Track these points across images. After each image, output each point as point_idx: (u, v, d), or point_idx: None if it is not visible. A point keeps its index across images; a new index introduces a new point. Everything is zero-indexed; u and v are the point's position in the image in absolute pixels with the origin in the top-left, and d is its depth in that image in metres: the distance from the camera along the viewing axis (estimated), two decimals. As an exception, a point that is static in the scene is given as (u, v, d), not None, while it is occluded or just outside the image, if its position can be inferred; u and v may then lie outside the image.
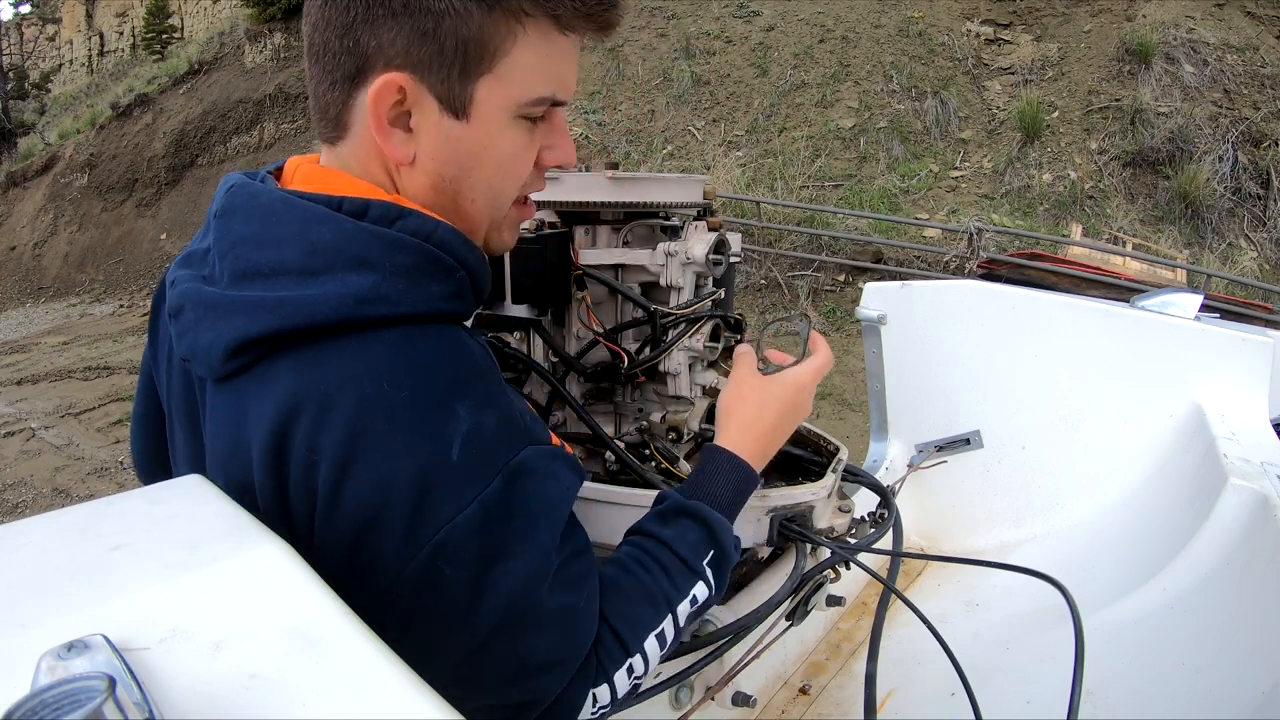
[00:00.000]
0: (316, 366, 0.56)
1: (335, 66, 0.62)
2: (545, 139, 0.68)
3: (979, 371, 1.68)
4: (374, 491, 0.54)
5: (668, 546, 0.71)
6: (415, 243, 0.60)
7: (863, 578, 1.53)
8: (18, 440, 6.72)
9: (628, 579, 0.69)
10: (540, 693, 0.61)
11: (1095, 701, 1.02)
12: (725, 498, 0.76)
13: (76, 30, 30.83)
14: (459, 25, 0.59)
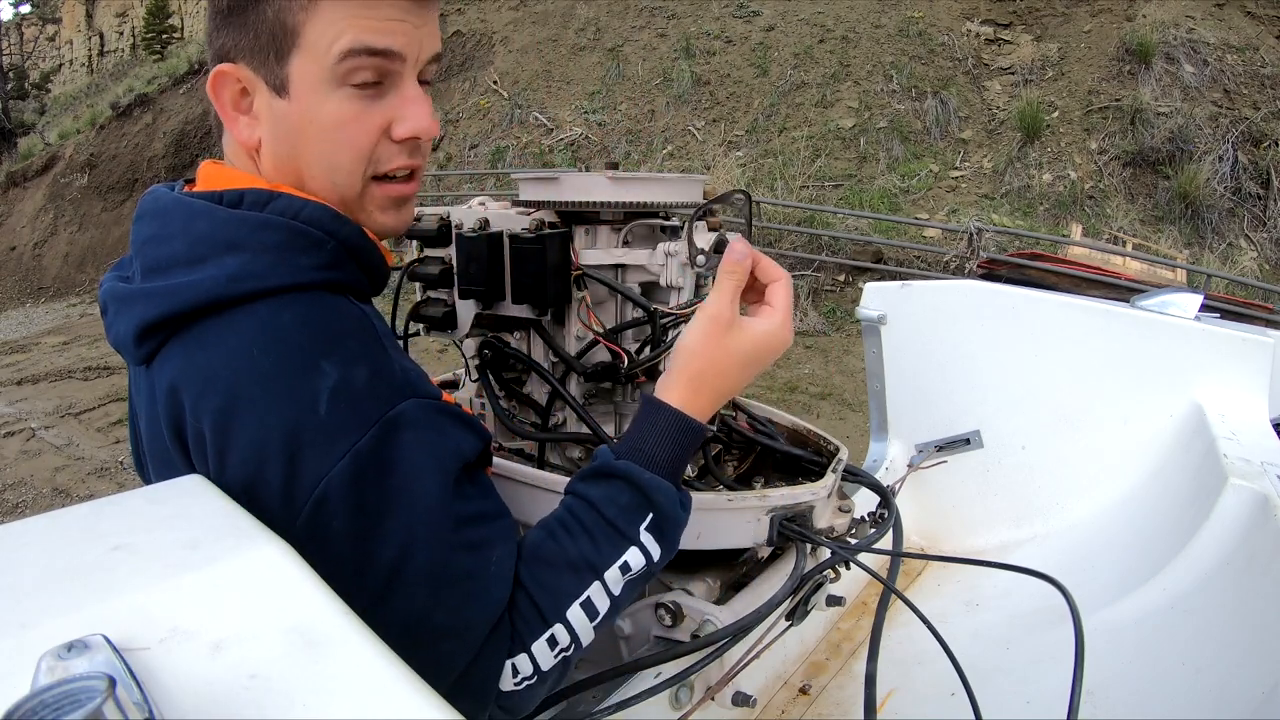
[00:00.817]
0: (200, 346, 0.63)
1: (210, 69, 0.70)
2: (394, 109, 0.69)
3: (979, 371, 1.68)
4: (251, 453, 0.58)
5: (594, 509, 0.68)
6: (281, 221, 0.66)
7: (863, 578, 1.53)
8: (18, 440, 6.72)
9: (550, 544, 0.67)
10: (446, 659, 0.61)
11: (1095, 701, 1.02)
12: (663, 456, 0.70)
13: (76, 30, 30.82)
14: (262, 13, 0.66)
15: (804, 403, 5.95)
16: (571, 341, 1.02)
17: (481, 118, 11.83)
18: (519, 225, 0.96)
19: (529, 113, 11.37)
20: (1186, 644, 1.02)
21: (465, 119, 11.96)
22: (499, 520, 0.67)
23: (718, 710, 1.03)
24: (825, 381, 6.45)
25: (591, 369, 0.99)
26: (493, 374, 1.08)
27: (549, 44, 12.14)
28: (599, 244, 1.00)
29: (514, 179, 1.05)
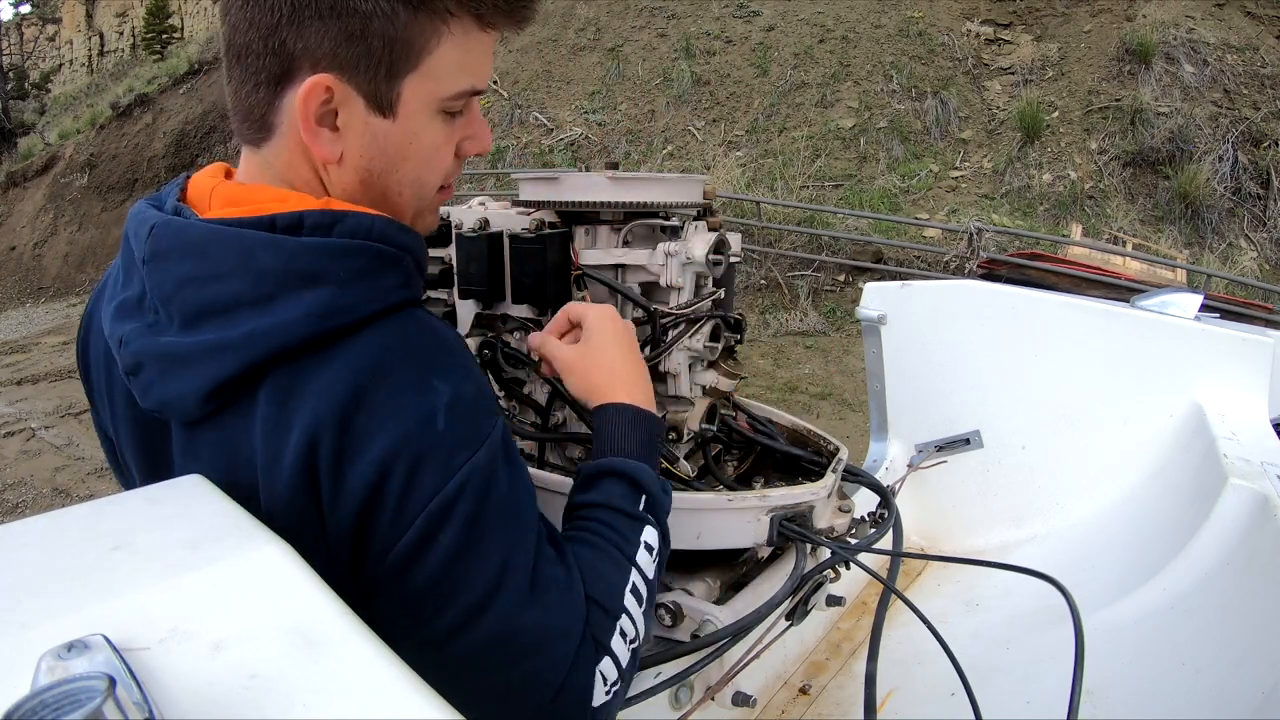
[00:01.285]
0: (299, 392, 0.57)
1: (260, 68, 0.62)
2: (464, 129, 0.70)
3: (979, 371, 1.68)
4: (373, 473, 0.56)
5: (600, 506, 0.72)
6: (358, 244, 0.61)
7: (863, 578, 1.53)
8: (18, 440, 6.72)
9: (583, 550, 0.69)
10: (540, 674, 0.61)
11: (1095, 701, 1.02)
12: (632, 445, 0.76)
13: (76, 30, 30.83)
14: (386, 26, 0.60)
15: (804, 403, 5.95)
16: (571, 341, 1.01)
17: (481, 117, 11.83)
18: (519, 225, 0.96)
19: (529, 113, 11.37)
20: (1186, 644, 1.02)
21: (465, 119, 11.96)
22: (558, 535, 0.69)
23: (718, 710, 1.03)
24: (825, 381, 6.45)
25: (591, 369, 0.99)
26: (493, 374, 1.08)
27: (549, 44, 12.14)
28: (599, 244, 1.00)
29: (514, 179, 1.05)
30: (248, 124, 0.66)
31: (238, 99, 0.65)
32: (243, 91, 0.64)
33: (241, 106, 0.65)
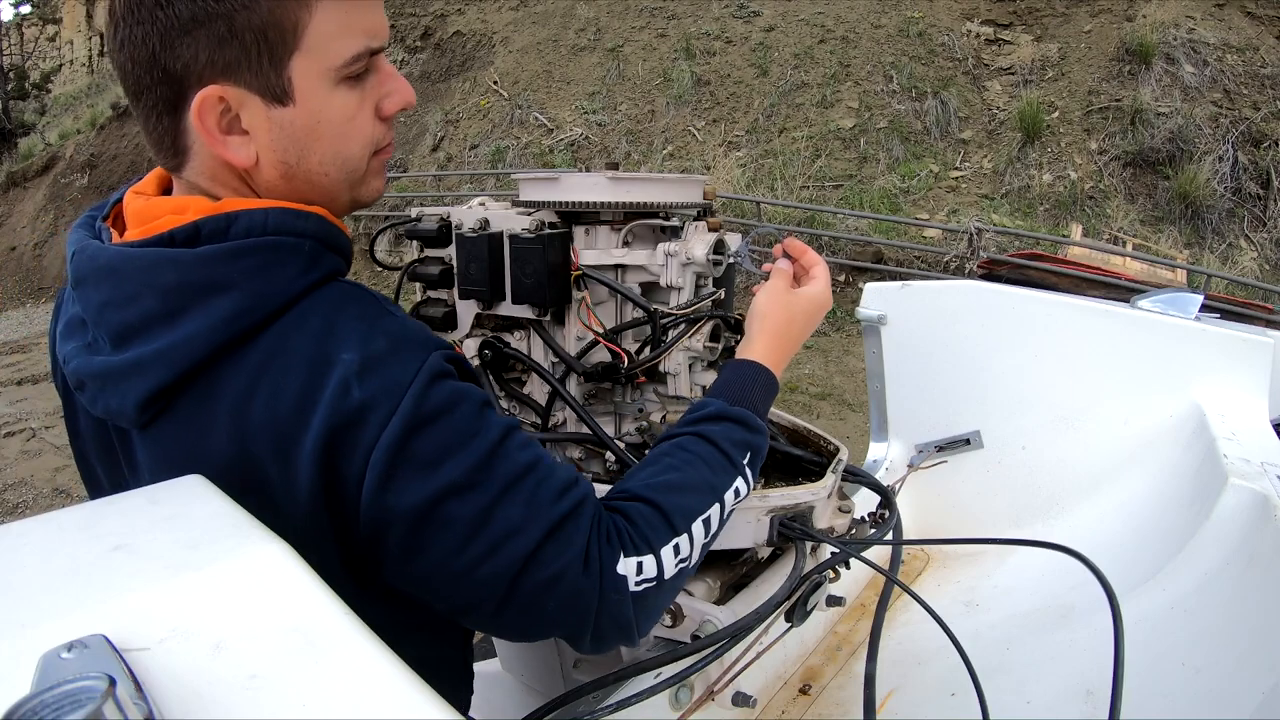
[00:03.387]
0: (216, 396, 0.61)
1: (155, 99, 0.63)
2: (378, 89, 0.70)
3: (979, 371, 1.68)
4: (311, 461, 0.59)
5: (712, 442, 0.77)
6: (253, 242, 0.62)
7: (863, 579, 1.53)
8: (18, 440, 6.72)
9: (675, 473, 0.74)
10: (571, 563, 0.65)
11: (1095, 701, 1.02)
12: (760, 406, 0.83)
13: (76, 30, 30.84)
14: (250, 18, 0.60)
15: (804, 403, 5.94)
16: (571, 342, 1.02)
17: (481, 118, 11.82)
18: (519, 225, 0.96)
19: (529, 113, 11.36)
20: (1186, 644, 1.02)
21: (465, 119, 11.96)
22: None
23: (718, 710, 1.03)
24: (825, 381, 6.44)
25: (591, 369, 0.99)
26: (493, 374, 1.08)
27: (549, 44, 12.14)
28: (599, 244, 1.00)
29: (514, 179, 1.05)
30: (164, 153, 0.67)
31: (147, 133, 0.66)
32: (149, 125, 0.65)
33: (153, 139, 0.66)
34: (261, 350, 0.61)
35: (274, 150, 0.66)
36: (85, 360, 0.65)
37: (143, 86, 0.63)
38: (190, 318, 0.60)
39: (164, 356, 0.60)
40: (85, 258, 0.65)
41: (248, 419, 0.60)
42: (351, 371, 0.59)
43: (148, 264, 0.62)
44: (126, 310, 0.62)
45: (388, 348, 0.62)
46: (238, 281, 0.61)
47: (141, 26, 0.60)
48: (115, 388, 0.63)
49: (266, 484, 0.61)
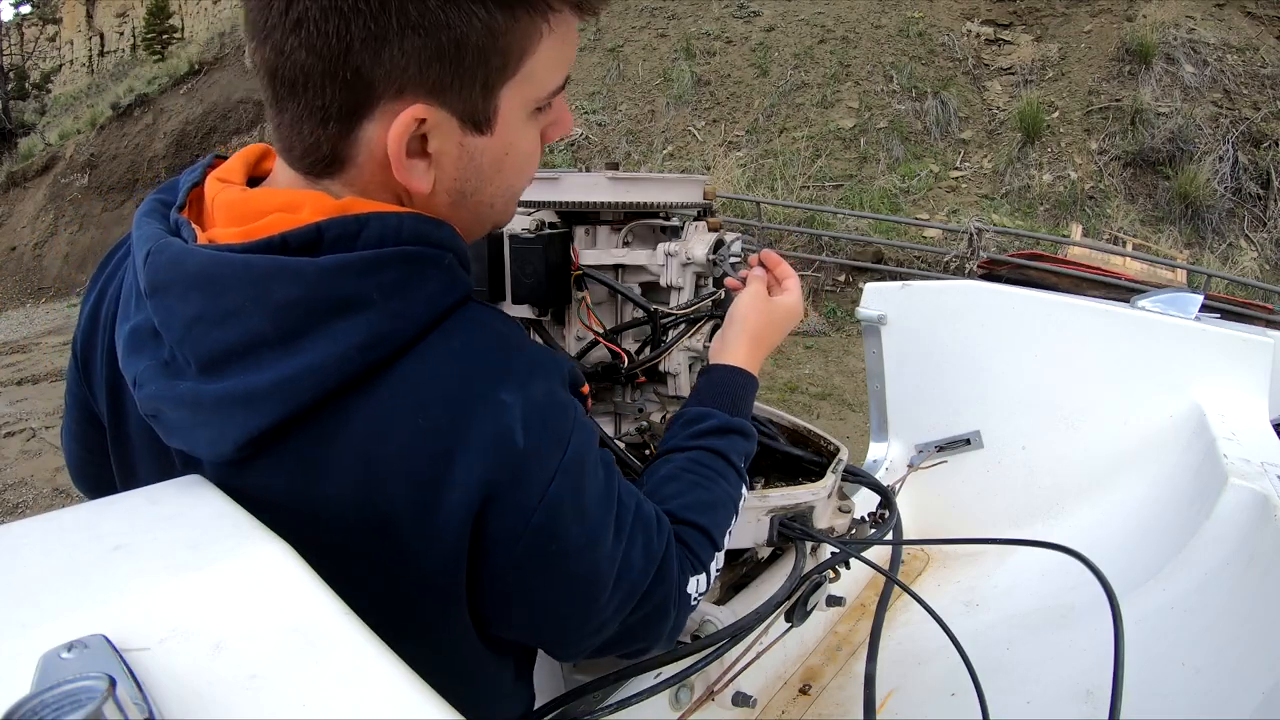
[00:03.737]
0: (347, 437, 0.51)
1: (327, 101, 0.52)
2: (548, 118, 0.64)
3: (979, 371, 1.68)
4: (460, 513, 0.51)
5: (726, 459, 0.79)
6: (390, 253, 0.52)
7: (863, 579, 1.53)
8: (18, 440, 6.72)
9: (705, 481, 0.76)
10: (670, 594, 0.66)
11: (1095, 701, 1.02)
12: (746, 414, 0.86)
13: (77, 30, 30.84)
14: (482, 38, 0.52)
15: (804, 403, 5.94)
16: (572, 341, 1.02)
17: (481, 118, 11.83)
18: (519, 225, 0.96)
19: (529, 113, 11.36)
20: (1186, 644, 1.02)
21: (465, 119, 11.97)
22: None
23: (718, 710, 1.03)
24: (825, 381, 6.44)
25: (591, 369, 1.00)
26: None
27: (549, 44, 12.14)
28: (599, 244, 1.00)
29: (514, 179, 1.04)
30: (310, 160, 0.55)
31: (295, 134, 0.54)
32: (303, 127, 0.54)
33: (301, 142, 0.54)
34: (398, 382, 0.52)
35: (455, 179, 0.58)
36: (166, 386, 0.53)
37: (313, 82, 0.51)
38: (313, 342, 0.50)
39: (280, 389, 0.50)
40: (167, 260, 0.52)
41: (380, 463, 0.51)
42: (514, 417, 0.52)
43: (258, 274, 0.50)
44: (225, 329, 0.50)
45: (545, 389, 0.55)
46: (374, 300, 0.51)
47: (339, 16, 0.49)
48: (209, 422, 0.52)
49: (396, 534, 0.52)
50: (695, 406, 0.83)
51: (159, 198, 0.60)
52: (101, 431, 0.70)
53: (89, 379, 0.69)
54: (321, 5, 0.49)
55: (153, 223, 0.57)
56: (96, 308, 0.68)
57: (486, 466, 0.51)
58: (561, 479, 0.54)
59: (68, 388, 0.74)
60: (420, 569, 0.52)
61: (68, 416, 0.76)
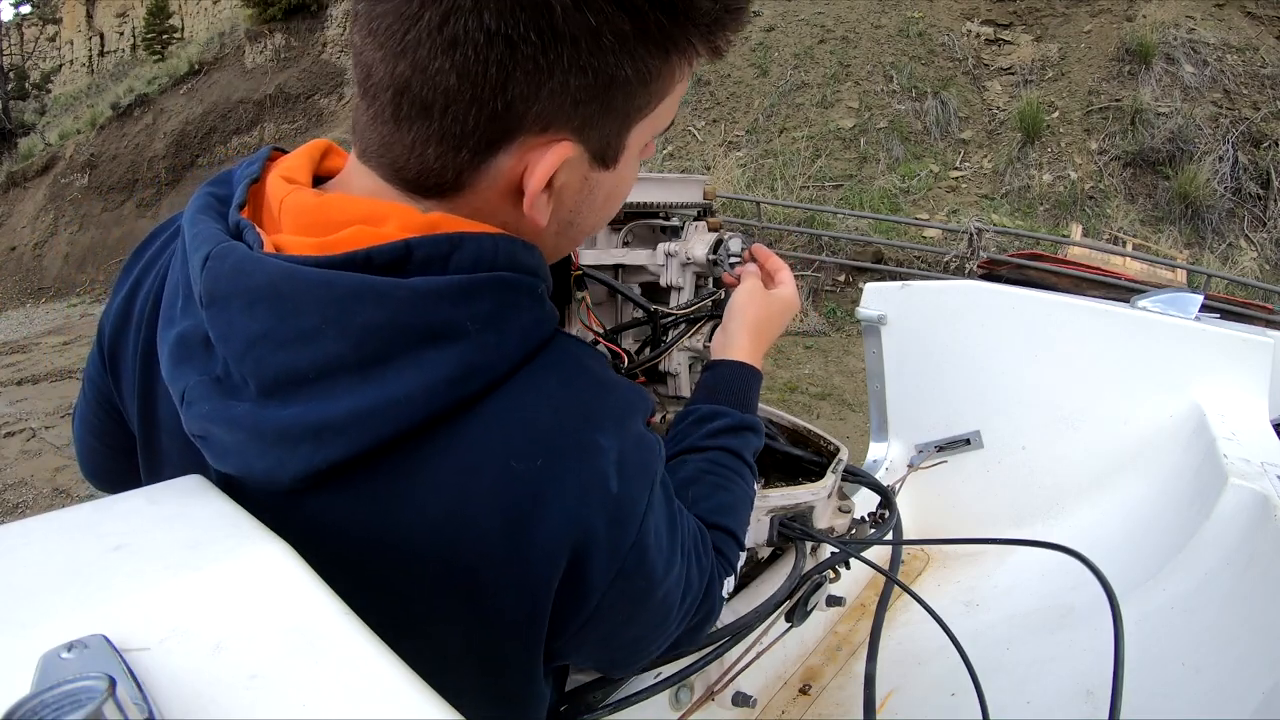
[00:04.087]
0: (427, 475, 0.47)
1: (467, 129, 0.47)
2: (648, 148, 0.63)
3: (979, 371, 1.68)
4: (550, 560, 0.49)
5: (740, 458, 0.79)
6: (485, 279, 0.48)
7: (863, 579, 1.53)
8: (18, 440, 6.73)
9: (726, 482, 0.76)
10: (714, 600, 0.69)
11: (1095, 701, 1.02)
12: (755, 405, 0.86)
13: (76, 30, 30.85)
14: (635, 80, 0.49)
15: (804, 403, 5.95)
16: (571, 341, 1.01)
17: (481, 118, 11.83)
18: (519, 225, 0.96)
19: (529, 113, 11.37)
20: (1186, 644, 1.02)
21: (465, 119, 11.97)
22: None
23: (718, 710, 1.03)
24: (825, 381, 6.45)
25: (591, 369, 0.99)
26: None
27: (549, 44, 12.14)
28: (599, 244, 1.00)
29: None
30: (421, 180, 0.51)
31: (413, 154, 0.49)
32: (427, 150, 0.49)
33: (419, 164, 0.50)
34: (490, 420, 0.48)
35: (569, 211, 0.55)
36: (220, 406, 0.48)
37: (456, 106, 0.46)
38: (397, 372, 0.46)
39: (357, 422, 0.46)
40: (231, 268, 0.47)
41: (469, 503, 0.47)
42: (609, 461, 0.50)
43: (339, 294, 0.45)
44: (296, 351, 0.46)
45: (636, 430, 0.53)
46: (467, 330, 0.47)
47: (505, 45, 0.44)
48: (269, 450, 0.47)
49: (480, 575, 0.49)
50: (705, 404, 0.82)
51: (212, 191, 0.56)
52: (120, 425, 0.68)
53: (116, 378, 0.65)
54: (487, 28, 0.44)
55: (209, 221, 0.52)
56: (129, 302, 0.63)
57: (581, 512, 0.49)
58: (648, 518, 0.53)
59: (87, 374, 0.70)
60: (501, 610, 0.50)
61: (83, 404, 0.72)
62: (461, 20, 0.44)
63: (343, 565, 0.46)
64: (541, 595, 0.49)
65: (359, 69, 0.49)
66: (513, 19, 0.44)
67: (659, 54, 0.49)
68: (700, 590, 0.64)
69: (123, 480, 0.75)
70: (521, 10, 0.43)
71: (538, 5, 0.44)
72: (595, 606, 0.52)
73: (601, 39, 0.46)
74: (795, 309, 0.94)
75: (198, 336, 0.51)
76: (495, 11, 0.43)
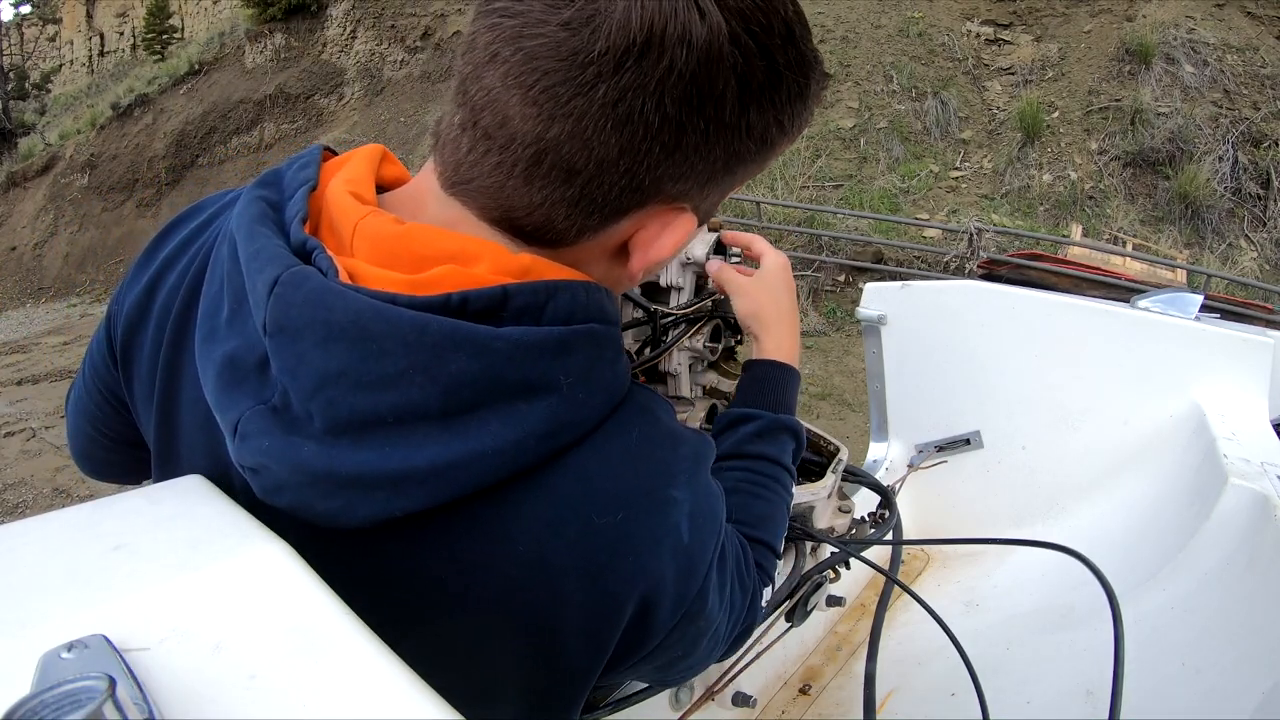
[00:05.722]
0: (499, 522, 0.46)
1: (608, 195, 0.47)
2: None
3: (979, 371, 1.68)
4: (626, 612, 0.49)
5: (778, 463, 0.78)
6: (580, 332, 0.47)
7: (862, 579, 1.53)
8: (18, 440, 6.73)
9: (766, 498, 0.75)
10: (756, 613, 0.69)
11: (1095, 701, 1.02)
12: (793, 405, 0.83)
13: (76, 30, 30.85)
14: (755, 159, 0.51)
15: (804, 403, 5.95)
16: (571, 341, 1.01)
17: (481, 118, 11.83)
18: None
19: (529, 113, 11.37)
20: (1186, 644, 1.02)
21: (465, 119, 11.97)
22: None
23: (718, 710, 1.03)
24: (825, 381, 6.45)
25: (591, 369, 0.99)
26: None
27: (549, 44, 12.13)
28: (599, 244, 1.00)
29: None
30: (533, 233, 0.49)
31: (536, 210, 0.48)
32: (555, 211, 0.48)
33: (541, 218, 0.48)
34: (575, 475, 0.47)
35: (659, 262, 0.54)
36: (284, 444, 0.45)
37: (605, 176, 0.46)
38: (484, 424, 0.44)
39: (441, 473, 0.44)
40: (305, 299, 0.44)
41: (552, 555, 0.46)
42: (682, 513, 0.50)
43: (432, 340, 0.43)
44: (377, 394, 0.43)
45: (704, 481, 0.54)
46: (560, 385, 0.46)
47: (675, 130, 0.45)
48: (338, 492, 0.44)
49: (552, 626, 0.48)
50: (737, 407, 0.81)
51: (264, 196, 0.52)
52: (122, 418, 0.66)
53: (128, 377, 0.62)
54: (664, 111, 0.44)
55: (269, 235, 0.48)
56: (148, 297, 0.59)
57: (655, 563, 0.49)
58: (713, 563, 0.54)
59: (90, 362, 0.67)
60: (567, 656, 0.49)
61: (83, 391, 0.69)
62: (640, 101, 0.43)
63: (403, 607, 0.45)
64: (607, 640, 0.49)
65: (485, 112, 0.46)
66: (689, 107, 0.44)
67: (782, 136, 0.51)
68: (744, 608, 0.65)
69: (116, 471, 0.74)
70: (699, 99, 0.44)
71: (714, 97, 0.44)
72: (656, 646, 0.53)
73: (754, 130, 0.47)
74: (785, 268, 0.90)
75: (251, 360, 0.47)
76: (675, 99, 0.43)
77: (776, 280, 0.88)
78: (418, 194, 0.53)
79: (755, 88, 0.46)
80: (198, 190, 14.81)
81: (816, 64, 0.50)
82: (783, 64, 0.47)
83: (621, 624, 0.49)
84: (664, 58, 0.42)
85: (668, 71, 0.43)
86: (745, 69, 0.45)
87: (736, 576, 0.63)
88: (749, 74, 0.45)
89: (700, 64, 0.43)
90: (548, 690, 0.51)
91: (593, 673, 0.51)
